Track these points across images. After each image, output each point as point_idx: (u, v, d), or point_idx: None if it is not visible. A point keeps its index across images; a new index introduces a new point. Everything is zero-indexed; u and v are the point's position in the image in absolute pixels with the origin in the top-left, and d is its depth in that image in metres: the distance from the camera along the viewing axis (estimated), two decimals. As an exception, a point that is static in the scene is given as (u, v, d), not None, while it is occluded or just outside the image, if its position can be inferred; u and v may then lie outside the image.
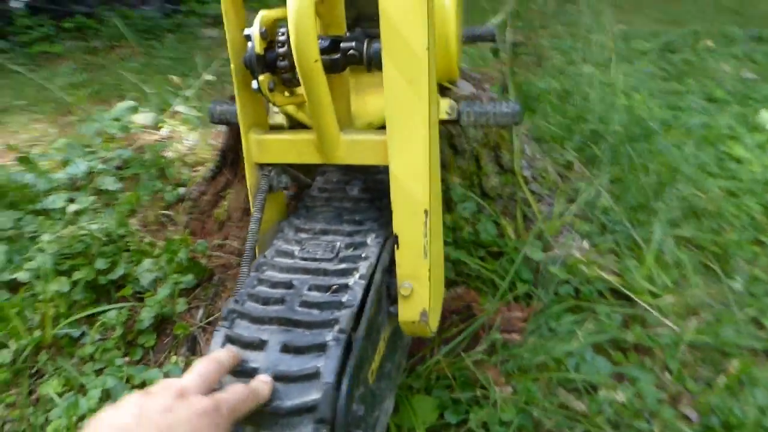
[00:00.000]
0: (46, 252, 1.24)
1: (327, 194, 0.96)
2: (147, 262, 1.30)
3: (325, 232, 0.84)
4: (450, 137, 1.39)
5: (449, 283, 1.38)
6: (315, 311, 0.70)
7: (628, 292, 1.36)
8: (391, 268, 0.84)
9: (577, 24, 2.94)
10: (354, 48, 0.78)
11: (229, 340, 0.68)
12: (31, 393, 1.11)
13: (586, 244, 1.47)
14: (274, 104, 0.81)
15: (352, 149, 0.82)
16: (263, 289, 0.74)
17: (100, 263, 1.27)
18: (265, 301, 0.72)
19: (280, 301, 0.72)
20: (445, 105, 1.16)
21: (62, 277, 1.23)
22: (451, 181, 1.40)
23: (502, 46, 1.85)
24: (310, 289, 0.73)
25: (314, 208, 0.92)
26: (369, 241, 0.81)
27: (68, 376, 1.11)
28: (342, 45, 0.78)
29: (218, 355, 0.64)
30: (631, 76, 2.97)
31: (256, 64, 0.76)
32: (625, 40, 3.78)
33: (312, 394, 0.62)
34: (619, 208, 1.57)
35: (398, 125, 0.77)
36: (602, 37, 2.54)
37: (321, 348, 0.65)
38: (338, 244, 0.81)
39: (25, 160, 1.60)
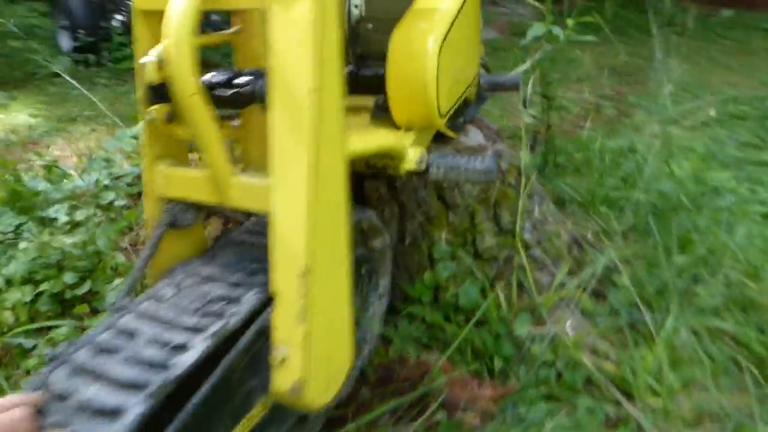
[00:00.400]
0: (18, 260, 1.26)
1: (247, 236, 0.89)
2: (117, 281, 1.29)
3: (209, 280, 0.78)
4: (440, 189, 1.30)
5: (419, 346, 1.27)
6: (134, 370, 0.64)
7: (621, 387, 1.19)
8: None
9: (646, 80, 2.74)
10: (247, 84, 0.72)
11: (41, 385, 0.63)
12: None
13: (585, 323, 1.30)
14: (172, 136, 0.76)
15: (246, 193, 0.76)
16: (104, 337, 0.69)
17: (68, 277, 1.27)
18: (97, 349, 0.67)
19: (109, 351, 0.66)
20: (415, 155, 1.08)
21: (26, 286, 1.24)
22: (436, 236, 1.30)
23: (528, 96, 1.73)
24: (147, 343, 0.67)
25: (222, 250, 0.86)
26: (248, 296, 0.74)
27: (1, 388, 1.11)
28: (235, 81, 0.73)
29: (16, 398, 0.60)
30: (716, 142, 2.71)
31: (150, 94, 0.73)
32: (723, 103, 3.47)
33: None
34: (636, 288, 1.39)
35: (279, 172, 0.69)
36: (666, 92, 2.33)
37: (115, 413, 0.59)
38: (212, 295, 0.74)
39: (48, 168, 1.67)
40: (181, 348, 0.66)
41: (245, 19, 0.91)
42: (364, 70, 1.27)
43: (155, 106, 0.74)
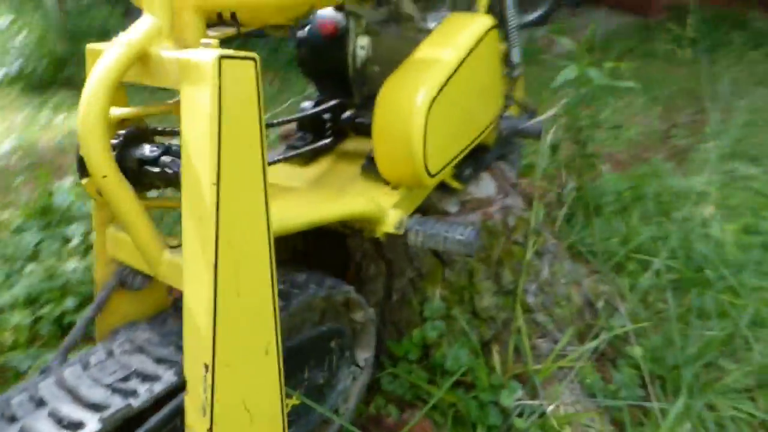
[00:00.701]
0: (24, 282, 1.32)
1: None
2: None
3: (141, 350, 0.77)
4: (436, 244, 1.23)
5: (402, 405, 1.22)
6: None
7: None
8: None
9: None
10: (172, 163, 0.70)
11: None
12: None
13: (584, 399, 1.21)
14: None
15: (174, 270, 0.74)
16: (17, 400, 0.69)
17: (70, 302, 1.31)
18: (4, 413, 0.67)
19: (12, 419, 0.66)
20: (394, 218, 1.03)
21: (28, 308, 1.29)
22: (430, 292, 1.24)
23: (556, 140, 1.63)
24: (47, 416, 0.66)
25: (174, 315, 0.84)
26: (167, 376, 0.72)
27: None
28: (163, 158, 0.71)
29: None
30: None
31: (79, 166, 0.72)
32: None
33: None
34: (651, 363, 1.28)
35: (188, 259, 0.67)
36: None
37: None
38: (133, 369, 0.73)
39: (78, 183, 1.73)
40: (76, 426, 0.65)
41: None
42: (368, 113, 1.23)
43: (84, 180, 0.73)
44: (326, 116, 1.24)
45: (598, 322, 1.36)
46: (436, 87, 1.04)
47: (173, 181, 0.70)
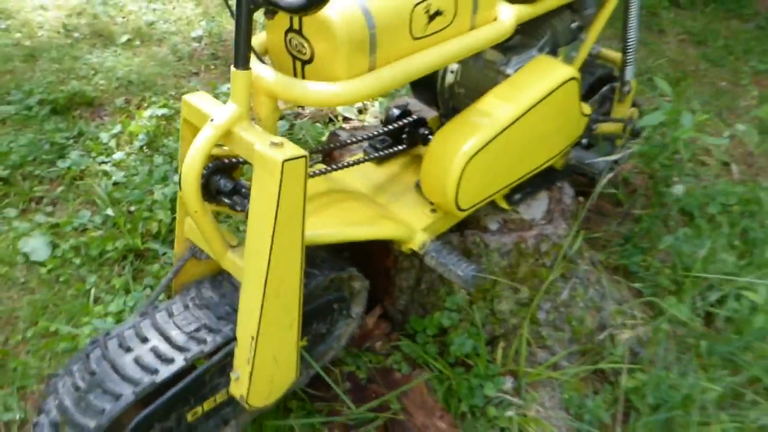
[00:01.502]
0: (171, 186, 1.76)
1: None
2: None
3: (207, 307, 1.14)
4: (468, 252, 1.46)
5: (413, 366, 1.53)
6: (135, 369, 1.03)
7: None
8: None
9: None
10: (237, 204, 1.02)
11: (83, 356, 1.07)
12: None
13: (557, 411, 1.45)
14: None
15: (232, 265, 1.08)
16: (127, 333, 1.09)
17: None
18: (120, 343, 1.08)
19: (127, 349, 1.07)
20: (420, 239, 1.29)
21: (168, 210, 1.74)
22: (457, 286, 1.50)
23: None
24: (150, 350, 1.05)
25: (225, 279, 1.20)
26: (225, 330, 1.09)
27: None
28: (234, 197, 1.03)
29: None
30: None
31: None
32: None
33: None
34: (632, 396, 1.47)
35: (247, 271, 1.01)
36: None
37: (116, 396, 1.00)
38: (204, 321, 1.11)
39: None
40: (168, 361, 1.05)
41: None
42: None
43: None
44: (405, 127, 1.46)
45: (607, 347, 1.54)
46: (481, 144, 1.23)
47: (237, 212, 1.03)
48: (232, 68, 0.94)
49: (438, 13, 1.07)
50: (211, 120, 0.96)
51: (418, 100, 1.57)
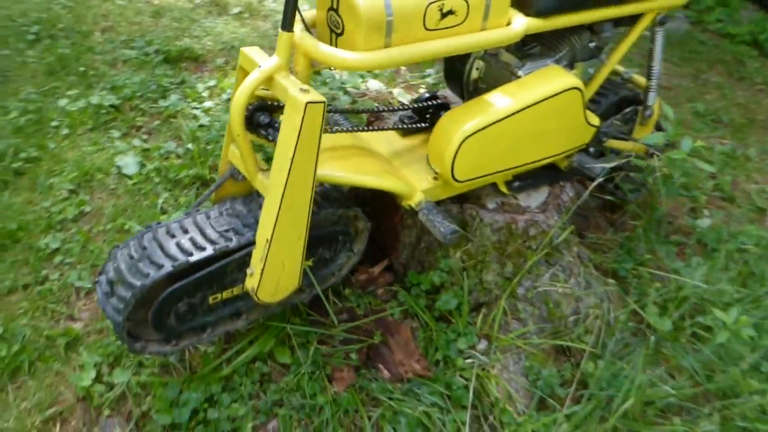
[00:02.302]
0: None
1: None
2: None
3: (237, 216, 1.45)
4: (465, 223, 1.70)
5: (405, 314, 1.79)
6: (176, 250, 1.35)
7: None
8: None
9: None
10: (269, 134, 1.32)
11: (138, 237, 1.41)
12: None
13: (521, 377, 1.66)
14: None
15: (260, 184, 1.39)
16: (173, 226, 1.42)
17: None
18: (167, 231, 1.41)
19: (172, 235, 1.40)
20: (418, 198, 1.55)
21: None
22: (452, 252, 1.74)
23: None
24: (189, 239, 1.38)
25: (254, 199, 1.51)
26: (248, 234, 1.40)
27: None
28: (269, 129, 1.33)
29: None
30: None
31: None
32: None
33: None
34: (587, 378, 1.65)
35: (271, 186, 1.31)
36: None
37: (158, 266, 1.32)
38: (233, 226, 1.42)
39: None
40: (201, 248, 1.38)
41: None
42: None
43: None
44: (430, 108, 1.72)
45: (577, 330, 1.73)
46: (478, 126, 1.47)
47: (269, 141, 1.34)
48: (280, 30, 1.25)
49: (450, 12, 1.33)
50: (259, 67, 1.27)
51: (451, 91, 1.83)
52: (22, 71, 2.58)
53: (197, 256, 1.36)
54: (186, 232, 1.41)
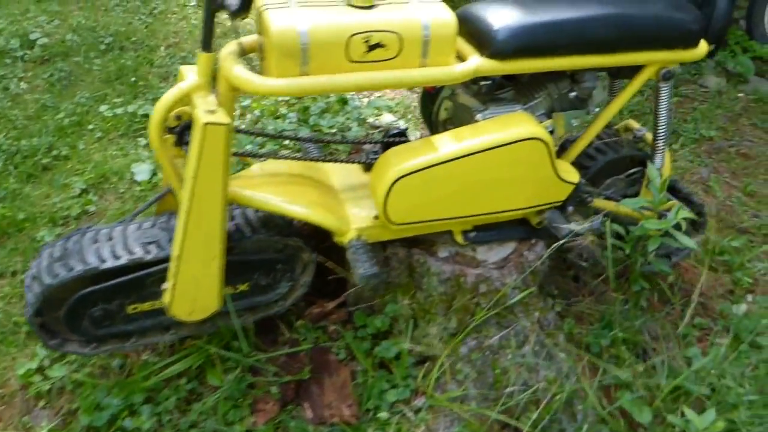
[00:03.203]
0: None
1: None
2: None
3: (167, 230, 1.46)
4: (412, 269, 1.60)
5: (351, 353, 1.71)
6: (93, 257, 1.39)
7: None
8: None
9: None
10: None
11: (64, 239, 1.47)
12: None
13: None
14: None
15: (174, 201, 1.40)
16: (103, 232, 1.45)
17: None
18: (93, 237, 1.44)
19: (95, 241, 1.42)
20: (349, 236, 1.49)
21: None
22: (400, 297, 1.64)
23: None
24: (109, 248, 1.40)
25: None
26: (169, 249, 1.41)
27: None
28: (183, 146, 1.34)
29: None
30: None
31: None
32: None
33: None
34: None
35: (181, 198, 1.31)
36: None
37: (71, 268, 1.38)
38: (159, 239, 1.44)
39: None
40: (117, 257, 1.41)
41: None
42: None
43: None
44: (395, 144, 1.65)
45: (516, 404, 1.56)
46: (415, 167, 1.39)
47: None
48: (198, 50, 1.26)
49: (379, 46, 1.27)
50: (180, 84, 1.29)
51: (428, 129, 1.75)
52: (85, 77, 2.83)
53: (109, 264, 1.39)
54: (110, 239, 1.45)
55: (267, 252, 1.55)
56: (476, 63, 1.38)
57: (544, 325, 1.63)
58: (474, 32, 1.43)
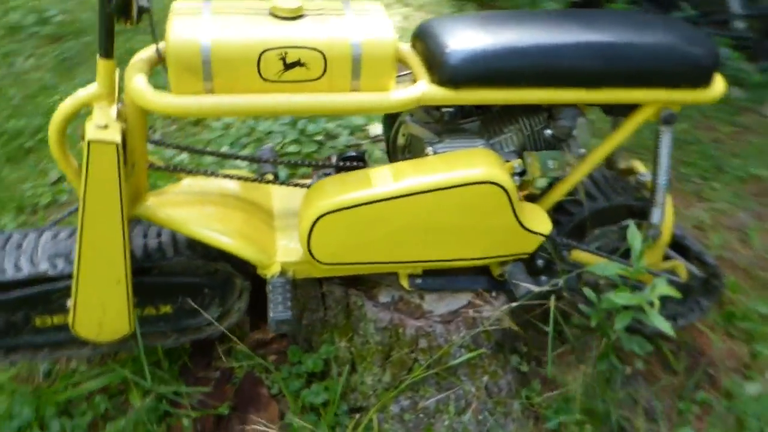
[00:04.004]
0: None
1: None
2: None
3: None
4: (349, 312, 1.43)
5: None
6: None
7: None
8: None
9: None
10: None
11: None
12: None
13: None
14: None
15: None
16: (14, 239, 1.35)
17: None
18: (3, 244, 1.35)
19: (2, 248, 1.34)
20: (272, 270, 1.34)
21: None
22: (337, 339, 1.48)
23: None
24: (13, 258, 1.30)
25: None
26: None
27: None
28: None
29: None
30: None
31: None
32: None
33: None
34: None
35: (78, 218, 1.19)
36: None
37: None
38: (69, 252, 1.32)
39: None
40: (18, 269, 1.30)
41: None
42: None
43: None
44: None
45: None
46: (342, 204, 1.21)
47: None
48: (98, 56, 1.12)
49: (299, 64, 1.09)
50: (79, 92, 1.16)
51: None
52: (91, 59, 2.77)
53: (9, 275, 1.29)
54: (19, 248, 1.35)
55: (192, 275, 1.42)
56: (421, 90, 1.18)
57: (492, 391, 1.42)
58: (427, 53, 1.22)
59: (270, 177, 1.50)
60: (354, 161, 1.46)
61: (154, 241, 1.39)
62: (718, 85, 1.32)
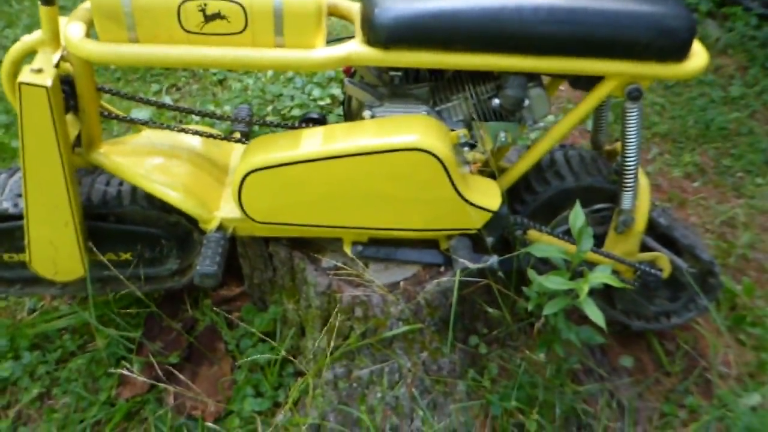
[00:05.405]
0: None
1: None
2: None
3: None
4: (294, 274, 1.42)
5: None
6: None
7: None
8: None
9: None
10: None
11: None
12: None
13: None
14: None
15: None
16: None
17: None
18: None
19: None
20: (210, 225, 1.35)
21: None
22: (286, 300, 1.48)
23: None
24: None
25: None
26: None
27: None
28: None
29: None
30: None
31: None
32: None
33: None
34: None
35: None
36: None
37: None
38: None
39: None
40: None
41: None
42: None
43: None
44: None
45: None
46: (269, 162, 1.20)
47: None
48: (39, 3, 1.16)
49: (218, 16, 1.09)
50: (24, 38, 1.21)
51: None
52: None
53: None
54: None
55: (149, 225, 1.46)
56: (348, 50, 1.14)
57: (431, 369, 1.38)
58: (363, 11, 1.18)
59: (237, 135, 1.52)
60: (314, 123, 1.44)
61: (114, 189, 1.44)
62: (697, 59, 1.19)
